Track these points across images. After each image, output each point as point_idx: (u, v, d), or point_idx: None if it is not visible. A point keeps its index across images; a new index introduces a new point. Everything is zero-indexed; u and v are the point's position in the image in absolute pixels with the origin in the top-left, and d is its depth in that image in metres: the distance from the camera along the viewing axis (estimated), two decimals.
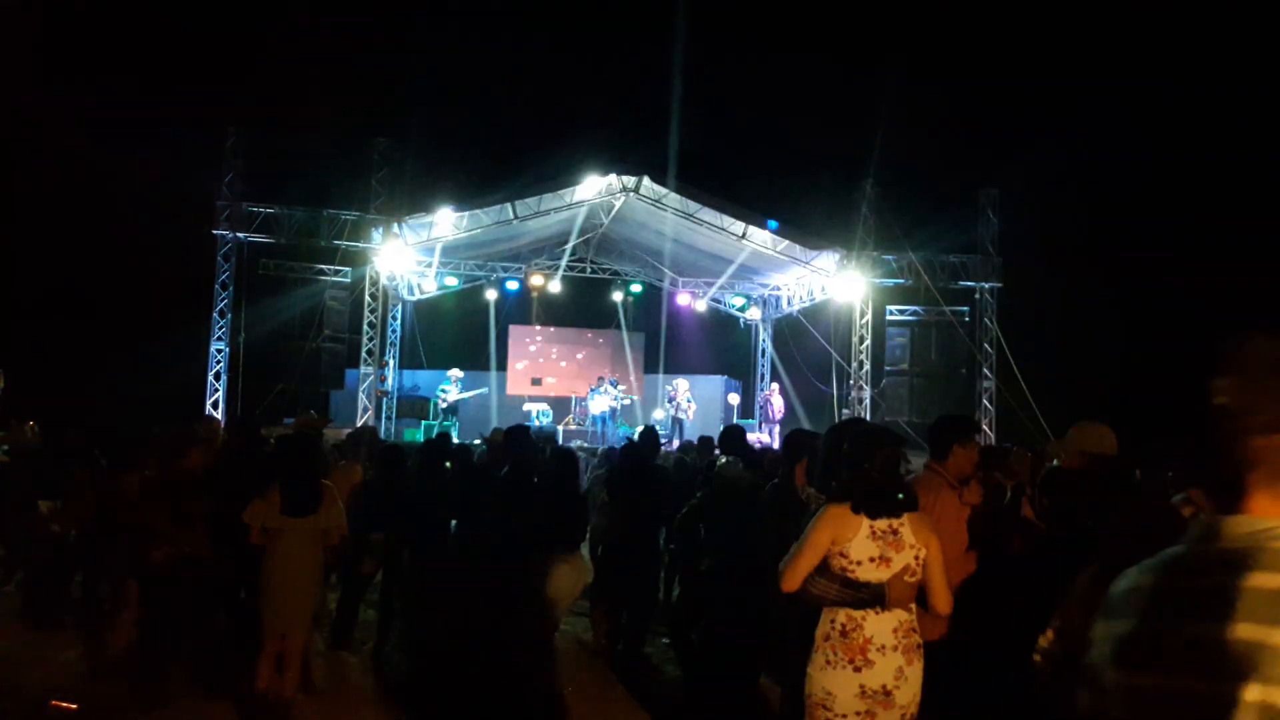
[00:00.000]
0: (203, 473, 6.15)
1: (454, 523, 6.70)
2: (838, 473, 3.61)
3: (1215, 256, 19.73)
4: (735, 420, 20.45)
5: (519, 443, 6.53)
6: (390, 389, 19.52)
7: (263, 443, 6.92)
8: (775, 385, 19.33)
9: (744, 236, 17.76)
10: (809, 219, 17.59)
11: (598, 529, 7.23)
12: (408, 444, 11.83)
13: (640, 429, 9.25)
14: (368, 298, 16.82)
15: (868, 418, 17.93)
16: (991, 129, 24.17)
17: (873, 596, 3.24)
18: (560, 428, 17.81)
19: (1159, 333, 19.14)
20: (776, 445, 14.07)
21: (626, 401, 19.39)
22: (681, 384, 19.06)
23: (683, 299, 22.03)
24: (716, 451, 6.94)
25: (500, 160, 19.01)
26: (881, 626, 3.25)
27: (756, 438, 16.58)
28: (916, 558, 3.33)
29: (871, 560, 3.27)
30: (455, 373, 17.80)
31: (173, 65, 22.87)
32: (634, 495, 6.44)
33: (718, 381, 21.93)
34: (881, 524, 3.30)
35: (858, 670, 3.22)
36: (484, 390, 18.50)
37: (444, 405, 17.53)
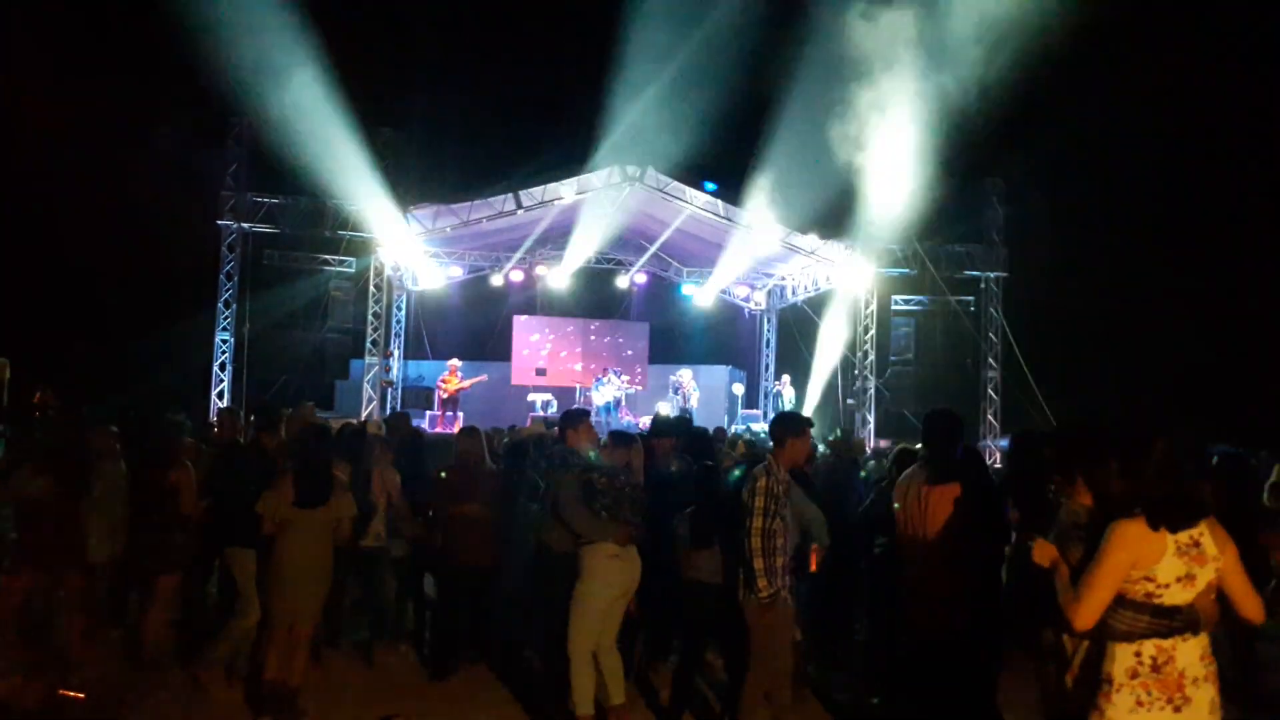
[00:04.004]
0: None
1: None
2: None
3: (1219, 246, 19.67)
4: (740, 411, 20.44)
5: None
6: (395, 379, 19.54)
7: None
8: (786, 377, 19.30)
9: (748, 226, 17.72)
10: (813, 208, 17.51)
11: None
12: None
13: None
14: (372, 288, 16.81)
15: (872, 408, 17.93)
16: (997, 118, 24.04)
17: (1187, 623, 2.90)
18: None
19: (1162, 323, 19.11)
20: None
21: (631, 392, 19.39)
22: (685, 373, 19.06)
23: (687, 289, 22.02)
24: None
25: (505, 150, 18.98)
26: (1191, 655, 2.90)
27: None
28: (1217, 570, 2.96)
29: (1179, 580, 2.89)
30: (454, 363, 17.79)
31: (177, 55, 22.83)
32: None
33: (722, 371, 21.91)
34: (1184, 537, 2.91)
35: (1177, 710, 2.86)
36: (483, 378, 18.47)
37: (444, 396, 17.50)
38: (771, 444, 4.93)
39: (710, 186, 16.65)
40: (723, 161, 16.80)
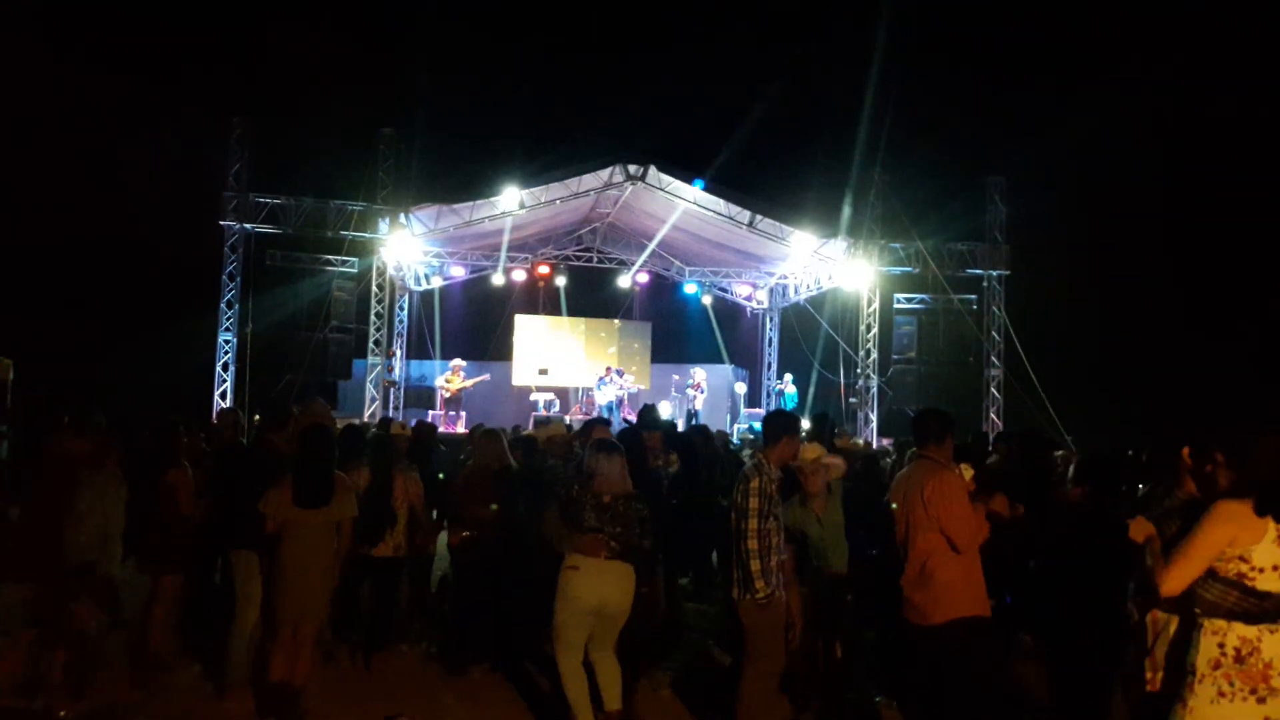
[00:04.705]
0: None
1: None
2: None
3: (1221, 243, 19.64)
4: (743, 410, 20.43)
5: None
6: (397, 379, 19.56)
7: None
8: (789, 376, 19.32)
9: (751, 225, 17.72)
10: (816, 206, 17.50)
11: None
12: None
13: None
14: (374, 288, 16.83)
15: (874, 407, 17.93)
16: (998, 116, 24.06)
17: (1276, 609, 2.87)
18: (568, 418, 17.83)
19: (1164, 321, 19.08)
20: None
21: (633, 391, 19.39)
22: (699, 373, 19.08)
23: (690, 288, 22.02)
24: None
25: (505, 150, 18.98)
26: (1278, 647, 2.86)
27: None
28: None
29: (1275, 569, 2.88)
30: (458, 362, 17.80)
31: (180, 56, 22.87)
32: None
33: (724, 370, 21.91)
34: None
35: (1261, 701, 2.83)
36: (485, 378, 18.49)
37: (446, 396, 17.51)
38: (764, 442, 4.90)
39: (699, 183, 16.62)
40: (723, 160, 16.79)
